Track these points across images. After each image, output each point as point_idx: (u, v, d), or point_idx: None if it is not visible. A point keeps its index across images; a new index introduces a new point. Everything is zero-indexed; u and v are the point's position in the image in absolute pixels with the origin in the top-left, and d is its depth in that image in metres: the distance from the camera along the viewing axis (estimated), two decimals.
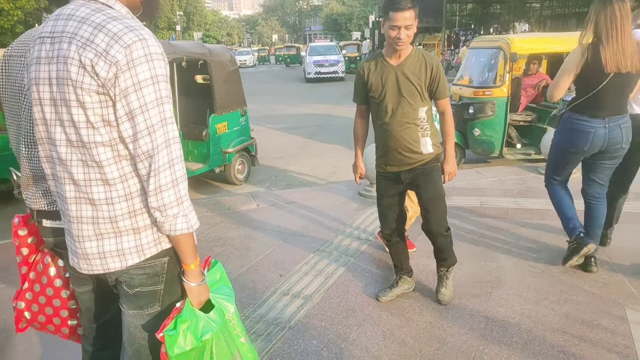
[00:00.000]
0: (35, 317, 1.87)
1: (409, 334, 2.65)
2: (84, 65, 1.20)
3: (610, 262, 3.33)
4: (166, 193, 1.26)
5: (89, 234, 1.33)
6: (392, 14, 2.41)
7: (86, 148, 1.26)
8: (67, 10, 1.29)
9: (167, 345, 1.35)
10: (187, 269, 1.38)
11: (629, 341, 2.48)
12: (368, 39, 33.97)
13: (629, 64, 2.73)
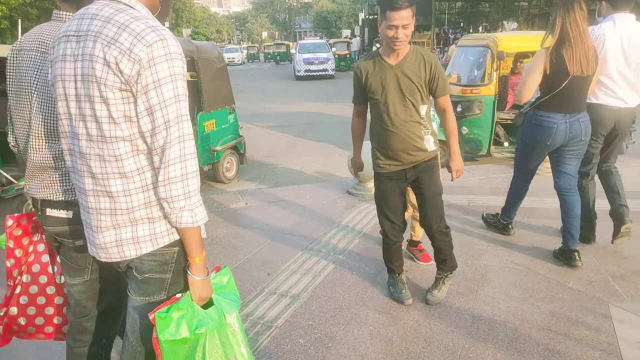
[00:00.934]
0: (31, 321, 1.85)
1: (396, 332, 2.65)
2: (108, 63, 1.26)
3: (595, 260, 3.36)
4: (174, 186, 1.31)
5: (107, 225, 1.40)
6: (389, 14, 2.39)
7: (106, 142, 1.32)
8: (92, 10, 1.35)
9: (158, 329, 1.36)
10: (192, 262, 1.42)
11: (612, 338, 2.50)
12: (358, 37, 33.97)
13: (590, 67, 2.96)
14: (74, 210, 1.61)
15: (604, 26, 3.20)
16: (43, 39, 1.66)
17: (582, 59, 2.92)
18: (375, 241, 3.85)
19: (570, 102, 3.06)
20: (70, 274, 1.72)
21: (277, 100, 14.45)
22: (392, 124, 2.60)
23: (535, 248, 3.59)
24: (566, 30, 2.91)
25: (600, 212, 4.27)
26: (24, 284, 1.83)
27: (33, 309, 1.84)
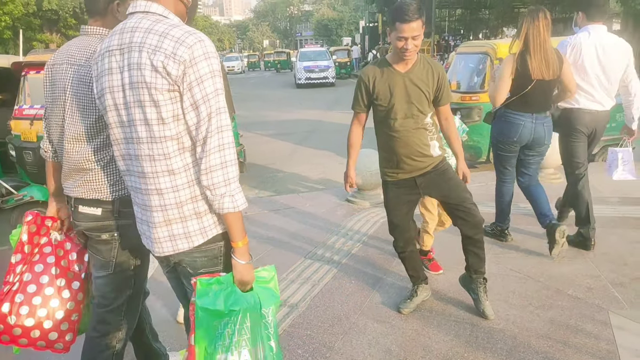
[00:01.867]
0: (20, 321, 1.85)
1: (395, 341, 2.64)
2: (156, 68, 1.38)
3: (594, 267, 3.35)
4: (215, 173, 1.42)
5: (159, 221, 1.52)
6: (399, 25, 2.40)
7: (156, 142, 1.45)
8: (130, 24, 1.47)
9: (197, 294, 1.47)
10: (235, 246, 1.52)
11: (612, 346, 2.49)
12: (358, 45, 34.11)
13: (550, 72, 3.20)
14: (103, 207, 1.78)
15: (580, 36, 3.40)
16: (71, 52, 1.80)
17: (543, 64, 3.17)
18: (375, 249, 3.85)
19: (536, 102, 3.32)
20: (96, 267, 1.87)
21: (277, 108, 14.49)
22: (399, 130, 2.61)
23: (534, 255, 3.58)
24: (529, 37, 3.16)
25: (600, 218, 4.28)
26: (24, 283, 1.87)
27: (26, 308, 1.85)
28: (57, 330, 1.91)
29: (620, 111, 6.19)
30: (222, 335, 1.47)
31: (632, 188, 5.04)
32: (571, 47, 3.39)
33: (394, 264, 3.54)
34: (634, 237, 3.83)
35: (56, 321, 1.90)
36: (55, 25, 26.37)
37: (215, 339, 1.47)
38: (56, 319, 1.90)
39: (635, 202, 4.64)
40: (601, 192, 5.00)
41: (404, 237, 2.84)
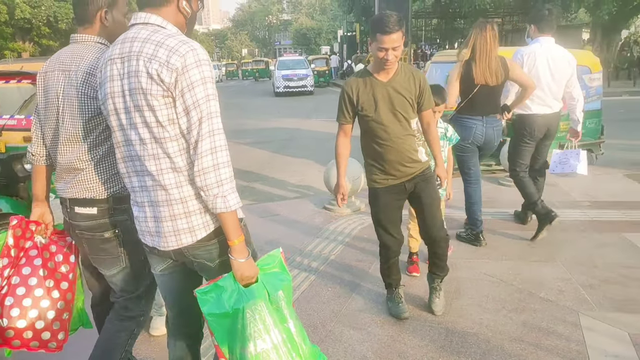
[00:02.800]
0: (12, 323, 1.88)
1: (370, 348, 2.65)
2: (151, 75, 1.47)
3: (565, 270, 3.42)
4: (208, 175, 1.49)
5: (165, 215, 1.59)
6: (379, 36, 2.44)
7: (158, 143, 1.53)
8: (131, 34, 1.57)
9: (200, 304, 1.57)
10: (232, 244, 1.56)
11: (581, 347, 2.54)
12: (337, 54, 34.33)
13: (494, 79, 3.50)
14: (98, 206, 1.85)
15: (534, 47, 3.82)
16: (62, 59, 1.89)
17: (486, 71, 3.49)
18: (352, 256, 3.86)
19: (483, 106, 3.59)
20: (107, 267, 1.94)
21: (255, 117, 14.46)
22: (388, 138, 2.64)
23: (508, 259, 3.64)
24: (476, 46, 3.48)
25: (570, 221, 4.38)
26: (12, 286, 1.90)
27: (17, 310, 1.88)
28: (49, 329, 1.94)
29: (590, 118, 6.39)
30: (235, 332, 1.55)
31: (601, 192, 5.19)
32: (527, 56, 3.78)
33: (371, 270, 3.56)
34: (603, 240, 3.93)
35: (48, 321, 1.94)
36: (29, 34, 25.89)
37: (232, 335, 1.57)
38: (48, 319, 1.93)
39: (604, 206, 4.77)
40: (572, 196, 5.13)
41: (397, 241, 2.85)
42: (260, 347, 1.53)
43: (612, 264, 3.48)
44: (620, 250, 3.71)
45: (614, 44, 20.32)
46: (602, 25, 19.49)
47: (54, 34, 26.08)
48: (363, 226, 4.51)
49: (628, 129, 9.08)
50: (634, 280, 3.22)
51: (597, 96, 6.18)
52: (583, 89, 6.12)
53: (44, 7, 24.40)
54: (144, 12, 1.59)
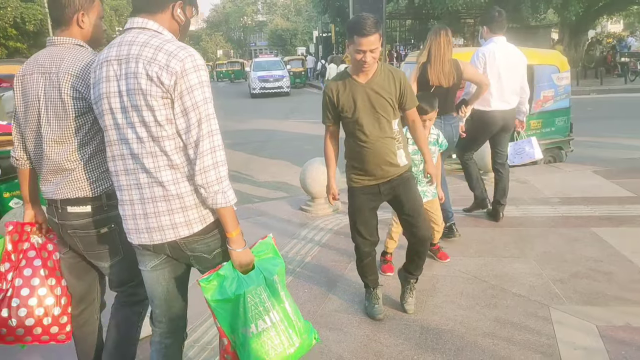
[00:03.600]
0: (21, 323, 2.01)
1: (347, 348, 2.65)
2: (151, 77, 1.55)
3: (537, 265, 3.50)
4: (208, 173, 1.58)
5: (162, 210, 1.66)
6: (357, 39, 2.44)
7: (155, 142, 1.60)
8: (128, 38, 1.63)
9: (203, 292, 1.67)
10: (230, 236, 1.68)
11: (552, 341, 2.60)
12: (312, 54, 34.35)
13: (447, 80, 3.68)
14: (92, 204, 1.91)
15: (490, 47, 4.06)
16: (40, 62, 1.91)
17: (440, 73, 3.65)
18: (328, 257, 3.87)
19: (440, 106, 3.60)
20: (104, 259, 1.99)
21: (231, 118, 14.34)
22: (367, 140, 2.63)
23: (481, 256, 3.70)
24: (432, 50, 3.66)
25: (541, 218, 4.48)
26: (16, 288, 2.02)
27: (24, 310, 2.01)
28: (57, 324, 2.08)
29: (559, 116, 6.56)
30: (237, 315, 1.68)
31: (571, 189, 5.32)
32: (487, 55, 4.01)
33: (347, 271, 3.57)
34: (573, 235, 4.03)
35: (54, 317, 2.07)
36: None
37: (234, 318, 1.70)
38: (54, 315, 2.06)
39: (573, 202, 4.89)
40: (543, 193, 5.24)
41: (370, 242, 2.85)
42: (261, 326, 1.69)
43: (581, 259, 3.57)
44: (588, 245, 3.81)
45: (582, 43, 20.91)
46: (570, 25, 20.05)
47: (22, 35, 25.36)
48: (340, 227, 4.53)
49: (596, 127, 9.35)
50: (602, 274, 3.31)
51: (566, 94, 6.35)
52: (552, 88, 6.31)
53: (10, 9, 23.70)
54: (140, 17, 1.66)
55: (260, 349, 1.69)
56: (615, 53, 20.36)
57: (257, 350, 1.69)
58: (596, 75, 18.00)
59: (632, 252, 3.61)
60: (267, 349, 1.70)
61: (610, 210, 4.56)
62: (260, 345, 1.69)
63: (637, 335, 2.60)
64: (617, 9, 22.03)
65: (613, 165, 6.30)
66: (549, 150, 6.60)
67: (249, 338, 1.68)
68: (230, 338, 1.74)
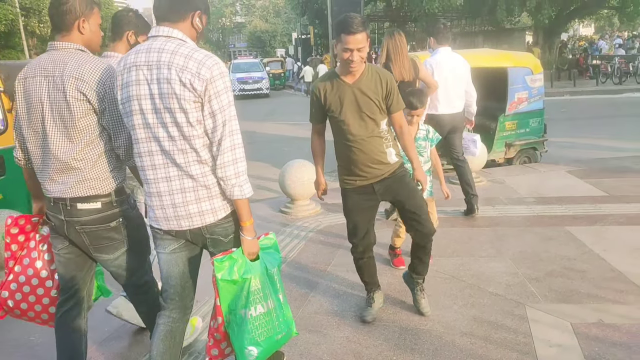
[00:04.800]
0: (17, 305, 2.23)
1: (326, 350, 2.65)
2: (184, 83, 1.73)
3: (513, 264, 3.55)
4: (227, 168, 1.79)
5: (191, 199, 1.86)
6: (344, 37, 2.44)
7: (186, 140, 1.79)
8: (156, 45, 1.79)
9: (215, 270, 1.84)
10: (244, 225, 1.89)
11: (528, 339, 2.64)
12: (291, 56, 34.29)
13: (408, 75, 3.98)
14: (102, 200, 2.04)
15: (438, 57, 4.45)
16: (43, 65, 2.00)
17: (402, 69, 3.95)
18: (308, 260, 3.86)
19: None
20: (110, 251, 2.12)
21: None
22: (354, 139, 2.63)
23: (458, 256, 3.74)
24: (390, 51, 3.98)
25: (517, 217, 4.56)
26: (15, 274, 2.22)
27: (19, 295, 2.22)
28: (46, 312, 2.26)
29: (533, 117, 6.68)
30: (239, 297, 1.87)
31: (546, 189, 5.43)
32: (432, 66, 4.39)
33: (327, 273, 3.57)
34: (548, 234, 4.11)
35: (44, 305, 2.25)
36: None
37: (235, 300, 1.88)
38: (44, 304, 2.25)
39: (548, 202, 4.99)
40: (518, 193, 5.33)
41: (363, 244, 2.84)
42: (259, 311, 1.90)
43: (556, 257, 3.64)
44: (563, 244, 3.89)
45: (555, 46, 21.37)
46: (543, 28, 20.48)
47: None
48: (319, 228, 4.52)
49: (570, 127, 9.56)
50: (576, 272, 3.38)
51: (540, 96, 6.47)
52: (526, 90, 6.42)
53: None
54: (165, 27, 1.83)
55: (255, 330, 1.89)
56: (587, 56, 20.88)
57: (251, 331, 1.88)
58: (569, 77, 18.42)
59: (604, 250, 3.70)
60: (260, 331, 1.91)
61: (584, 210, 4.66)
62: (255, 327, 1.89)
63: (609, 331, 2.66)
64: (588, 13, 22.61)
65: (586, 165, 6.45)
66: (524, 151, 6.73)
67: (247, 319, 1.87)
68: (225, 318, 1.90)
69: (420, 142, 3.39)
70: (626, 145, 7.79)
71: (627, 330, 2.66)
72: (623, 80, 16.99)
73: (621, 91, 15.76)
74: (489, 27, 24.68)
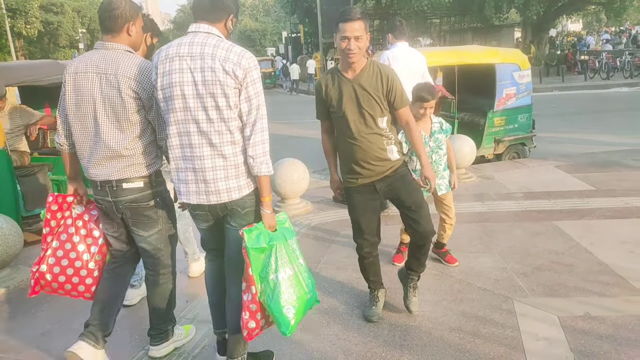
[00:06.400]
0: (55, 278, 2.44)
1: (316, 348, 2.65)
2: (227, 72, 2.01)
3: (501, 259, 3.58)
4: (258, 147, 2.07)
5: (221, 177, 2.10)
6: (341, 25, 2.45)
7: (223, 122, 2.05)
8: (199, 39, 2.06)
9: (246, 239, 2.06)
10: (264, 200, 2.14)
11: (516, 333, 2.66)
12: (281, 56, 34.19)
13: None
14: (144, 180, 2.34)
15: (395, 50, 4.56)
16: (96, 63, 2.25)
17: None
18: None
19: None
20: (146, 229, 2.42)
21: None
22: (353, 136, 2.61)
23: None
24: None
25: (506, 212, 4.58)
26: (53, 249, 2.44)
27: (57, 268, 2.44)
28: (83, 283, 2.48)
29: (522, 113, 6.73)
30: (269, 263, 2.08)
31: (534, 183, 5.47)
32: (389, 59, 4.44)
33: (317, 270, 3.57)
34: (536, 229, 4.14)
35: (81, 277, 2.47)
36: None
37: (265, 266, 2.08)
38: (81, 275, 2.47)
39: (537, 196, 5.03)
40: (508, 188, 5.37)
41: (369, 243, 2.82)
42: (287, 273, 2.11)
43: (544, 252, 3.67)
44: (551, 238, 3.92)
45: (543, 42, 21.51)
46: (532, 24, 20.61)
47: None
48: (310, 227, 4.52)
49: (559, 123, 9.64)
50: (563, 266, 3.41)
51: (527, 92, 6.52)
52: (514, 86, 6.47)
53: None
54: (205, 24, 2.09)
55: (287, 291, 2.09)
56: (575, 51, 21.04)
57: (285, 292, 2.08)
58: (558, 73, 18.55)
59: (591, 244, 3.73)
60: (292, 291, 2.11)
61: (571, 204, 4.70)
62: (287, 288, 2.09)
63: (595, 324, 2.68)
64: (575, 9, 22.75)
65: (574, 160, 6.51)
66: (513, 147, 6.77)
67: (278, 282, 2.07)
68: (258, 287, 2.09)
69: (437, 135, 3.36)
70: (614, 139, 7.87)
71: (612, 322, 2.69)
72: (611, 75, 17.16)
73: (609, 86, 15.92)
74: (478, 24, 24.78)
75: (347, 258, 3.72)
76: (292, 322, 2.09)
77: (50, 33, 38.84)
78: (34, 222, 4.60)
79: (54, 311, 3.23)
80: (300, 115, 12.53)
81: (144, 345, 2.73)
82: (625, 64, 17.10)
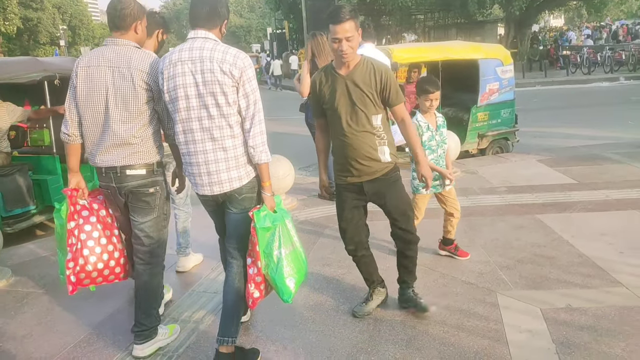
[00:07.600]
0: (95, 267, 2.56)
1: (302, 346, 2.65)
2: (224, 72, 2.21)
3: (485, 253, 3.62)
4: (257, 138, 2.27)
5: (222, 168, 2.31)
6: (332, 27, 2.45)
7: (224, 117, 2.25)
8: (197, 44, 2.27)
9: (256, 220, 2.29)
10: (264, 185, 2.36)
11: (499, 326, 2.69)
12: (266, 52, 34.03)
13: None
14: (147, 168, 2.50)
15: (361, 50, 4.67)
16: (107, 57, 2.42)
17: (326, 62, 3.92)
18: None
19: None
20: (143, 215, 2.56)
21: None
22: (344, 133, 2.60)
23: (433, 247, 3.77)
24: (314, 49, 4.79)
25: (490, 206, 4.63)
26: (83, 241, 2.54)
27: (94, 257, 2.56)
28: (119, 265, 2.66)
29: (505, 108, 6.79)
30: (273, 241, 2.33)
31: (517, 178, 5.53)
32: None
33: None
34: (519, 222, 4.19)
35: (116, 259, 2.64)
36: None
37: (270, 244, 2.33)
38: (115, 257, 2.63)
39: (519, 190, 5.09)
40: (491, 183, 5.42)
41: (353, 242, 2.81)
42: (288, 249, 2.38)
43: (526, 245, 3.72)
44: (533, 231, 3.97)
45: (526, 37, 21.74)
46: (515, 20, 20.80)
47: None
48: (296, 223, 4.50)
49: (541, 117, 9.76)
50: (545, 259, 3.46)
51: (510, 87, 6.59)
52: (497, 81, 6.52)
53: None
54: (202, 30, 2.29)
55: (289, 265, 2.36)
56: (557, 46, 21.29)
57: (286, 267, 2.35)
58: (540, 68, 18.76)
59: (572, 237, 3.79)
60: (292, 265, 2.38)
61: (553, 197, 4.77)
62: (288, 262, 2.36)
63: (576, 315, 2.73)
64: (557, 5, 23.05)
65: (556, 154, 6.60)
66: (496, 142, 6.84)
67: (281, 258, 2.33)
68: (263, 263, 2.34)
69: (442, 129, 3.36)
70: (595, 133, 7.99)
71: (593, 313, 2.74)
72: (592, 70, 17.41)
73: (590, 81, 16.17)
74: (461, 19, 24.95)
75: (332, 254, 3.73)
76: (293, 291, 2.38)
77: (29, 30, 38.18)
78: (15, 223, 4.52)
79: (35, 312, 3.18)
80: (284, 112, 12.49)
81: (128, 345, 2.71)
82: (605, 59, 17.37)
